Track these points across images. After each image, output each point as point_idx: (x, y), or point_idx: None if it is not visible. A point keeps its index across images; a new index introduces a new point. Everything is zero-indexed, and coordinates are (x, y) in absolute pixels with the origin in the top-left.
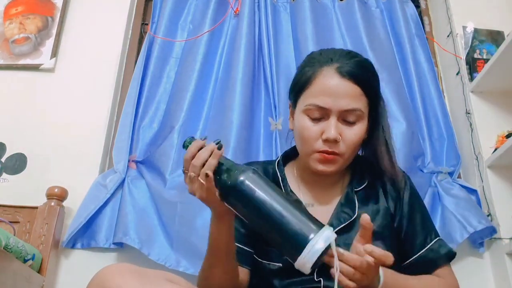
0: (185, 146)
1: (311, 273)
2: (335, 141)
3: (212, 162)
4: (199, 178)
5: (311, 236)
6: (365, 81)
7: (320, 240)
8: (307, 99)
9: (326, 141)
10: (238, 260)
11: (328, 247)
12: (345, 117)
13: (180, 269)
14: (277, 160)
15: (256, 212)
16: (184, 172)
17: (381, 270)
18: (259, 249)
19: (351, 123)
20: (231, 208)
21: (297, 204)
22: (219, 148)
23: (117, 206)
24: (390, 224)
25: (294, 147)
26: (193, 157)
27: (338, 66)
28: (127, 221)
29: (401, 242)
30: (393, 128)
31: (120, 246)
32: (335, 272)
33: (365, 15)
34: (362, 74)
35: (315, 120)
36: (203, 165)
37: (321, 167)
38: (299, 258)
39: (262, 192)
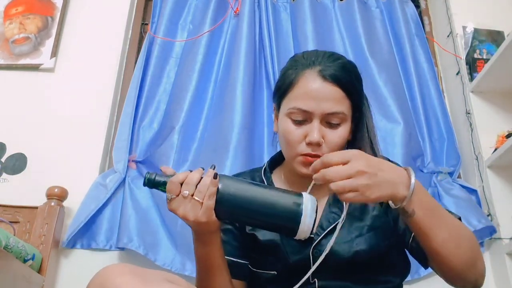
0: (149, 182)
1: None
2: (318, 144)
3: (206, 180)
4: (195, 196)
5: (301, 207)
6: (348, 84)
7: (308, 206)
8: (290, 102)
9: (309, 144)
10: (234, 274)
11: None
12: (328, 120)
13: (186, 273)
14: (264, 167)
15: (246, 210)
16: (169, 199)
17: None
18: (253, 259)
19: (334, 126)
20: (224, 220)
21: (273, 186)
22: (213, 168)
23: (117, 206)
24: (382, 214)
25: (281, 151)
26: (182, 181)
27: (320, 69)
28: (130, 225)
29: (397, 226)
30: (391, 128)
31: (121, 247)
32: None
33: (365, 15)
34: (345, 76)
35: (298, 123)
36: (197, 184)
37: (305, 170)
38: (299, 228)
39: (242, 190)
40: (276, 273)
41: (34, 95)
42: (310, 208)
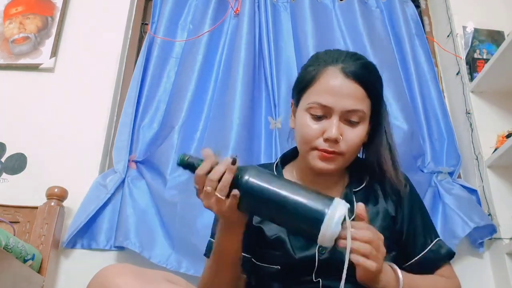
0: (181, 162)
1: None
2: (335, 141)
3: (227, 178)
4: (216, 193)
5: (326, 210)
6: (369, 83)
7: (337, 211)
8: (310, 97)
9: (327, 140)
10: None
11: (343, 222)
12: (347, 117)
13: (181, 270)
14: (276, 163)
15: (269, 205)
16: (196, 188)
17: (399, 271)
18: (258, 253)
19: (353, 124)
20: (246, 212)
21: (303, 186)
22: (233, 163)
23: (117, 206)
24: (391, 226)
25: (294, 148)
26: (207, 172)
27: (343, 66)
28: (127, 224)
29: (402, 244)
30: (393, 128)
31: (120, 248)
32: (348, 243)
33: (365, 15)
34: (367, 76)
35: (317, 118)
36: (220, 180)
37: (320, 164)
38: (321, 232)
39: (268, 184)
40: (279, 267)
41: (34, 95)
42: (338, 215)
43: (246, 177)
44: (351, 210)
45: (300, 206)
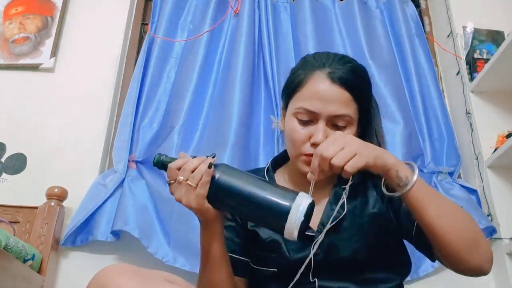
0: (157, 162)
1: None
2: None
3: (202, 168)
4: (188, 181)
5: (291, 203)
6: (356, 87)
7: (301, 205)
8: (297, 102)
9: (313, 145)
10: (235, 270)
11: (309, 216)
12: (334, 122)
13: (177, 265)
14: (266, 167)
15: (238, 199)
16: (169, 183)
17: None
18: (254, 256)
19: (340, 128)
20: (217, 207)
21: (271, 182)
22: (213, 157)
23: (116, 204)
24: (383, 211)
25: (284, 151)
26: (180, 166)
27: (329, 71)
28: (127, 213)
29: (399, 223)
30: (391, 128)
31: (117, 238)
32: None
33: (365, 15)
34: (353, 80)
35: (304, 123)
36: (193, 170)
37: (307, 169)
38: (286, 225)
39: (237, 180)
40: (276, 270)
41: (34, 95)
42: (302, 208)
43: (217, 174)
44: (341, 207)
45: (266, 202)
